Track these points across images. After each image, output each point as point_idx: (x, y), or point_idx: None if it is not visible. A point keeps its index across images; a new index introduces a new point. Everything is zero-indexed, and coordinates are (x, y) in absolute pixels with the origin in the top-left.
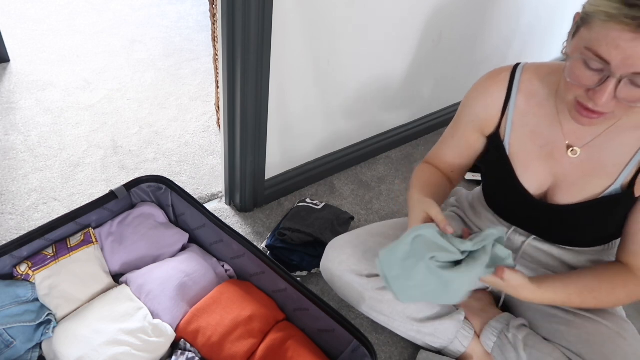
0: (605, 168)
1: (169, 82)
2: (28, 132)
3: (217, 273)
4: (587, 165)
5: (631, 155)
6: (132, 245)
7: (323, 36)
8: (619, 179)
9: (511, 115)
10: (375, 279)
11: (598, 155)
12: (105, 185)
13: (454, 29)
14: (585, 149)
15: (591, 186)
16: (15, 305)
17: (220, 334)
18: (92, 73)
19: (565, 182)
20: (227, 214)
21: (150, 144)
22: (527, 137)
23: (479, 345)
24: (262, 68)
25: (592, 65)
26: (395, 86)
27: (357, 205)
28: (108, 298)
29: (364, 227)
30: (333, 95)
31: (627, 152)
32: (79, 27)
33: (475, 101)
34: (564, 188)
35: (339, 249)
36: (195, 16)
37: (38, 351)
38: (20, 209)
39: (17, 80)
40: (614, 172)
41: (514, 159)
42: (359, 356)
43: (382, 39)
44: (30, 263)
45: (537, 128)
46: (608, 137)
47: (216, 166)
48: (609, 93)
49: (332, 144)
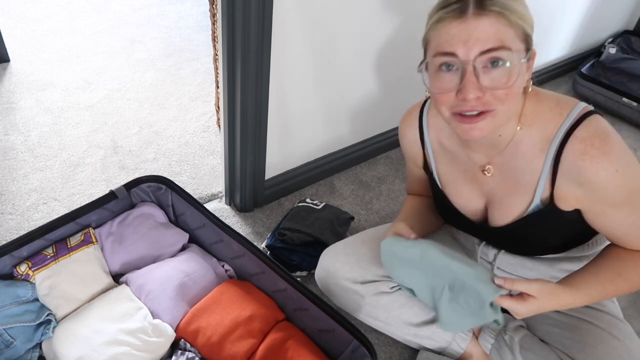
0: (521, 186)
1: (169, 82)
2: (28, 132)
3: (217, 273)
4: (506, 184)
5: (539, 173)
6: (132, 245)
7: (323, 36)
8: (537, 195)
9: (429, 148)
10: (370, 284)
11: (512, 174)
12: (105, 185)
13: None
14: (496, 169)
15: (516, 204)
16: (15, 305)
17: (220, 334)
18: (92, 73)
19: (495, 202)
20: (227, 214)
21: (150, 144)
22: (450, 166)
23: (477, 346)
24: (262, 68)
25: (446, 67)
26: (395, 86)
27: (357, 205)
28: (108, 298)
29: (357, 234)
30: (333, 95)
31: (535, 170)
32: (79, 27)
33: (401, 141)
34: (496, 209)
35: (332, 257)
36: (195, 16)
37: (38, 351)
38: (20, 209)
39: (17, 80)
40: (529, 189)
41: (446, 188)
42: (359, 356)
43: (383, 39)
44: (30, 263)
45: (454, 156)
46: (512, 154)
47: (216, 166)
48: (473, 83)
49: (332, 144)
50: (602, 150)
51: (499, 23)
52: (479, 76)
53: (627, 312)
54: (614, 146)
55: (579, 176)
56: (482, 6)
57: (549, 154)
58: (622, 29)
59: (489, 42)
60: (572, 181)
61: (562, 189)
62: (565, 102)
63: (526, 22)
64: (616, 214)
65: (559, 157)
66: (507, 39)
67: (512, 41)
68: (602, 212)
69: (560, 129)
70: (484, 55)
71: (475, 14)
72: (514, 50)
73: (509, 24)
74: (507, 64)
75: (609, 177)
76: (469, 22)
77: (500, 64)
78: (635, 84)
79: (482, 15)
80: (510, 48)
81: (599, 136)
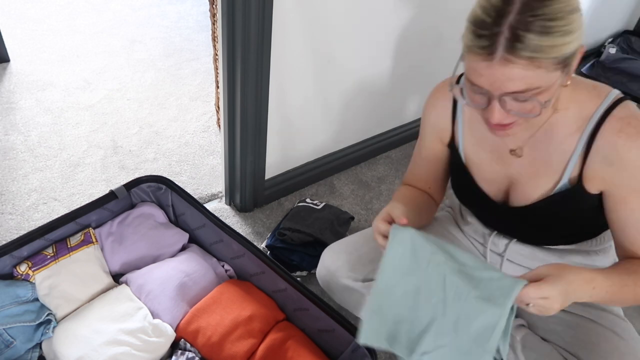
0: (551, 166)
1: (169, 82)
2: (28, 132)
3: (217, 273)
4: (534, 165)
5: (571, 152)
6: (132, 245)
7: (323, 36)
8: (565, 175)
9: (460, 123)
10: (371, 283)
11: (542, 155)
12: (105, 185)
13: (454, 29)
14: (527, 150)
15: (542, 185)
16: (15, 305)
17: (220, 334)
18: (92, 73)
19: (519, 184)
20: (227, 214)
21: (150, 144)
22: (478, 144)
23: None
24: (262, 68)
25: (475, 90)
26: (395, 86)
27: (357, 205)
28: (108, 298)
29: (359, 233)
30: (333, 95)
31: (567, 149)
32: (79, 27)
33: (429, 113)
34: (519, 190)
35: (334, 255)
36: (195, 16)
37: (38, 351)
38: (20, 209)
39: (17, 80)
40: (558, 169)
41: (470, 165)
42: (359, 356)
43: (383, 39)
44: (30, 263)
45: (484, 135)
46: (546, 136)
47: (216, 166)
48: (498, 111)
49: (332, 144)
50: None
51: (528, 70)
52: (505, 105)
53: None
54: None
55: (612, 153)
56: (512, 51)
57: (585, 131)
58: (622, 29)
59: (516, 86)
60: (603, 159)
61: (591, 168)
62: (602, 87)
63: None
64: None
65: (594, 135)
66: (535, 81)
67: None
68: (624, 199)
69: (598, 109)
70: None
71: (504, 59)
72: (543, 87)
73: (539, 66)
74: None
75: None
76: (495, 68)
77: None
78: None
79: (511, 62)
80: (538, 87)
81: (636, 117)
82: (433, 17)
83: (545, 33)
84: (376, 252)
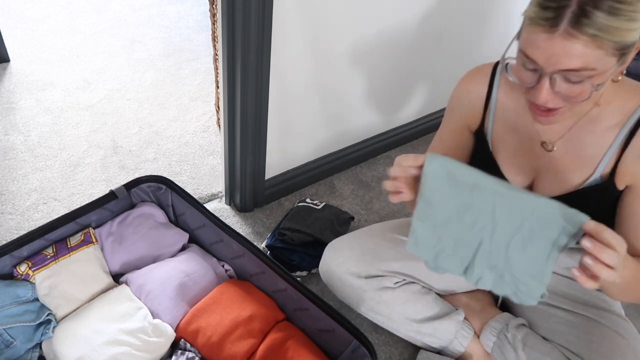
0: (584, 160)
1: (169, 82)
2: (28, 132)
3: (217, 273)
4: (566, 159)
5: (608, 146)
6: (132, 245)
7: (323, 36)
8: (598, 169)
9: (493, 110)
10: (374, 279)
11: (576, 149)
12: (105, 185)
13: (454, 30)
14: (561, 143)
15: (571, 178)
16: (15, 305)
17: (220, 334)
18: (92, 73)
19: (547, 176)
20: (227, 214)
21: (150, 144)
22: (508, 133)
23: (478, 345)
24: (262, 68)
25: (527, 65)
26: (395, 86)
27: (357, 205)
28: (108, 298)
29: (363, 229)
30: (333, 95)
31: (604, 143)
32: (79, 27)
33: (460, 97)
34: (546, 182)
35: (337, 250)
36: (195, 16)
37: (38, 351)
38: (20, 209)
39: (17, 80)
40: (592, 163)
41: (497, 154)
42: (359, 356)
43: (382, 39)
44: (30, 263)
45: (517, 124)
46: (584, 130)
47: (216, 166)
48: (546, 90)
49: (332, 144)
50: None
51: (588, 47)
52: (555, 85)
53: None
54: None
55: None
56: (577, 25)
57: (624, 127)
58: None
59: (572, 63)
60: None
61: (625, 163)
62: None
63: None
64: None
65: (634, 131)
66: (593, 61)
67: (598, 61)
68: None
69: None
70: (563, 72)
71: (567, 32)
72: (598, 69)
73: (600, 46)
74: (586, 82)
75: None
76: (556, 40)
77: (579, 81)
78: None
79: (573, 37)
80: (594, 68)
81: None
82: (433, 16)
83: (613, 14)
84: (379, 246)
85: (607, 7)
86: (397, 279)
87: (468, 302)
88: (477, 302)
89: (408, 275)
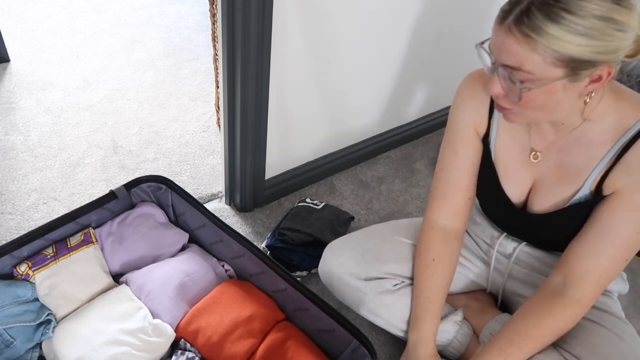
0: (574, 174)
1: (169, 82)
2: (28, 132)
3: (217, 273)
4: (557, 173)
5: (599, 161)
6: (132, 245)
7: (323, 36)
8: (587, 184)
9: (496, 117)
10: (373, 282)
11: (567, 161)
12: (105, 185)
13: (454, 30)
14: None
15: (562, 193)
16: (15, 305)
17: (220, 334)
18: (92, 73)
19: (542, 189)
20: (227, 214)
21: (150, 144)
22: (509, 143)
23: (478, 346)
24: (262, 68)
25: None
26: (395, 86)
27: (357, 205)
28: (108, 298)
29: (362, 230)
30: (333, 95)
31: (595, 158)
32: (79, 27)
33: (464, 105)
34: (540, 197)
35: (337, 251)
36: (195, 16)
37: (38, 351)
38: (20, 209)
39: (17, 80)
40: (581, 177)
41: (498, 165)
42: (359, 356)
43: (382, 39)
44: (30, 263)
45: (516, 133)
46: (574, 144)
47: (216, 166)
48: (496, 82)
49: (332, 144)
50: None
51: (522, 47)
52: (499, 78)
53: (627, 312)
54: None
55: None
56: (518, 23)
57: (619, 142)
58: None
59: (510, 59)
60: (625, 170)
61: (612, 177)
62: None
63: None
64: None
65: (628, 146)
66: (527, 63)
67: (535, 66)
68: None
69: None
70: (505, 67)
71: (508, 27)
72: (535, 74)
73: (534, 49)
74: (516, 84)
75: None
76: (500, 34)
77: (514, 83)
78: None
79: (511, 33)
80: (530, 72)
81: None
82: (434, 16)
83: (554, 20)
84: (380, 247)
85: (550, 12)
86: (396, 281)
87: (467, 303)
88: (477, 302)
89: (408, 277)
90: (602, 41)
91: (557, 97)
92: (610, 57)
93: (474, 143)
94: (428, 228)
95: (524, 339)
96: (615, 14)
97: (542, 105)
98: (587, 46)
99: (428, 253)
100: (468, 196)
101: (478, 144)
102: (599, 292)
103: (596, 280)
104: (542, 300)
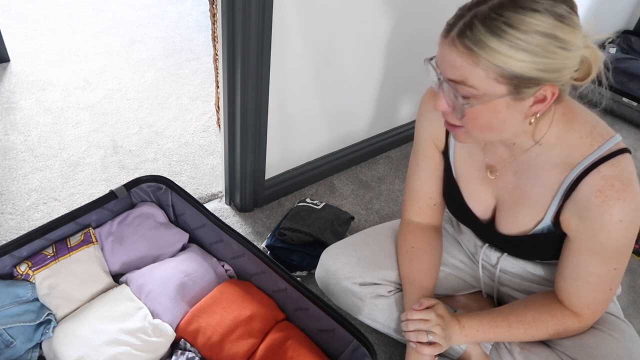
0: (532, 200)
1: (169, 82)
2: (28, 132)
3: (217, 273)
4: (516, 194)
5: (555, 192)
6: (132, 245)
7: (323, 36)
8: (548, 214)
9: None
10: (369, 287)
11: (523, 186)
12: (105, 185)
13: None
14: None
15: (525, 217)
16: (15, 305)
17: (221, 334)
18: (92, 73)
19: (505, 209)
20: (227, 213)
21: (150, 144)
22: (467, 159)
23: (477, 347)
24: (262, 68)
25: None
26: (395, 86)
27: (357, 205)
28: (108, 298)
29: (359, 234)
30: (333, 95)
31: (551, 187)
32: (79, 27)
33: (423, 116)
34: (505, 217)
35: (333, 257)
36: (195, 16)
37: (38, 351)
38: (20, 209)
39: (17, 80)
40: (541, 206)
41: (459, 180)
42: (359, 356)
43: (382, 38)
44: (30, 263)
45: (472, 149)
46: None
47: (216, 166)
48: (442, 98)
49: (332, 144)
50: (619, 195)
51: (465, 61)
52: (444, 92)
53: (627, 312)
54: (632, 195)
55: (585, 210)
56: (461, 36)
57: (566, 179)
58: (622, 28)
59: (453, 73)
60: (576, 212)
61: (565, 215)
62: (600, 134)
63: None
64: (588, 260)
65: (574, 185)
66: (470, 77)
67: (478, 81)
68: (579, 251)
69: (586, 159)
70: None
71: (452, 40)
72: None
73: (477, 63)
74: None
75: (611, 223)
76: (444, 47)
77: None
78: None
79: (454, 46)
80: (473, 87)
81: (621, 180)
82: (433, 16)
83: (496, 34)
84: (376, 254)
85: (492, 26)
86: (390, 287)
87: (467, 303)
88: (476, 302)
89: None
90: (545, 58)
91: (502, 116)
92: (554, 75)
93: (433, 156)
94: (404, 225)
95: (518, 322)
96: (559, 31)
97: (488, 124)
98: (530, 62)
99: (407, 242)
100: (433, 203)
101: (438, 157)
102: (596, 315)
103: (586, 306)
104: (548, 299)
